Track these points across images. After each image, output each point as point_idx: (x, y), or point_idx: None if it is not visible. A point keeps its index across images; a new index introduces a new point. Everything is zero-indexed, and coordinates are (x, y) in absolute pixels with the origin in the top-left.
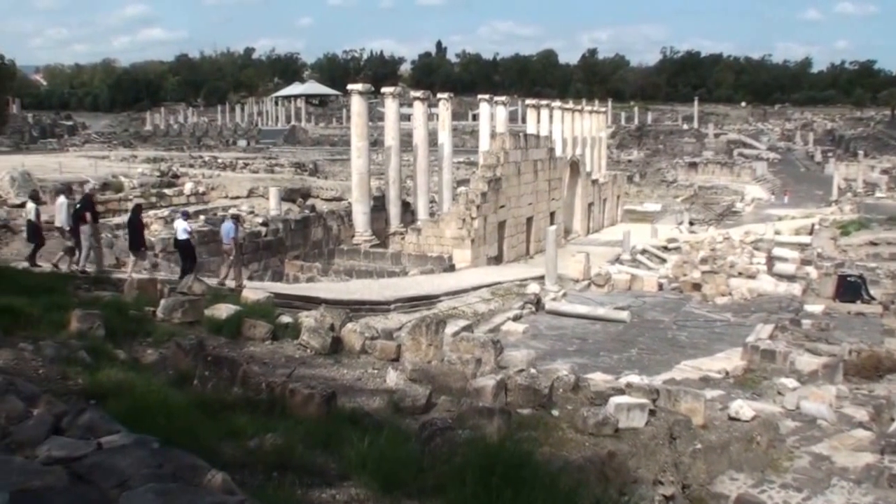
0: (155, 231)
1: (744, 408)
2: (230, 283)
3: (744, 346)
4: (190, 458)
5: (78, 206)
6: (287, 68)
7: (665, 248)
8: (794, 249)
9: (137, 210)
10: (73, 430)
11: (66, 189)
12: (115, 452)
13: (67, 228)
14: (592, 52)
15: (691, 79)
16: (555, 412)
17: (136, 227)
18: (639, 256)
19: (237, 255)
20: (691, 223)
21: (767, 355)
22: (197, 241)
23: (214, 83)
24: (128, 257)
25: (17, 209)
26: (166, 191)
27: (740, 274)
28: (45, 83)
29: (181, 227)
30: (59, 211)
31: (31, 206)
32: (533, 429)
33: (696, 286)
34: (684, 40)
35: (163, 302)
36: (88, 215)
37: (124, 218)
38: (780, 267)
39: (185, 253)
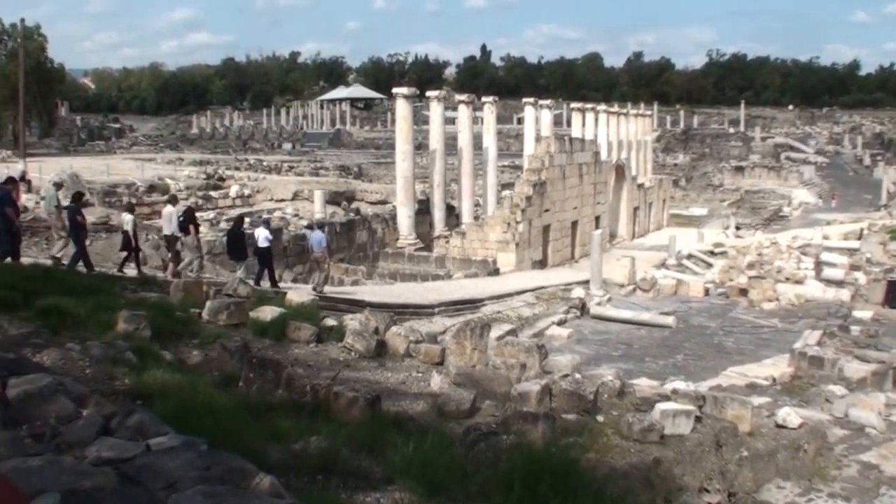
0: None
1: (791, 415)
2: (320, 291)
3: (791, 352)
4: (238, 460)
5: (181, 218)
6: (332, 72)
7: (711, 253)
8: (843, 254)
9: (240, 221)
10: (122, 431)
11: (173, 199)
12: (163, 454)
13: (179, 236)
14: (638, 54)
15: (738, 81)
16: (600, 418)
17: (238, 238)
18: (685, 261)
19: (329, 264)
20: (738, 227)
21: (815, 362)
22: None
23: (260, 87)
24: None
25: (64, 210)
26: (212, 193)
27: (788, 279)
28: (93, 86)
29: (262, 235)
30: (166, 220)
31: (128, 217)
32: (577, 435)
33: (743, 291)
34: (731, 43)
35: (208, 304)
36: (192, 227)
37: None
38: (828, 272)
39: (265, 260)
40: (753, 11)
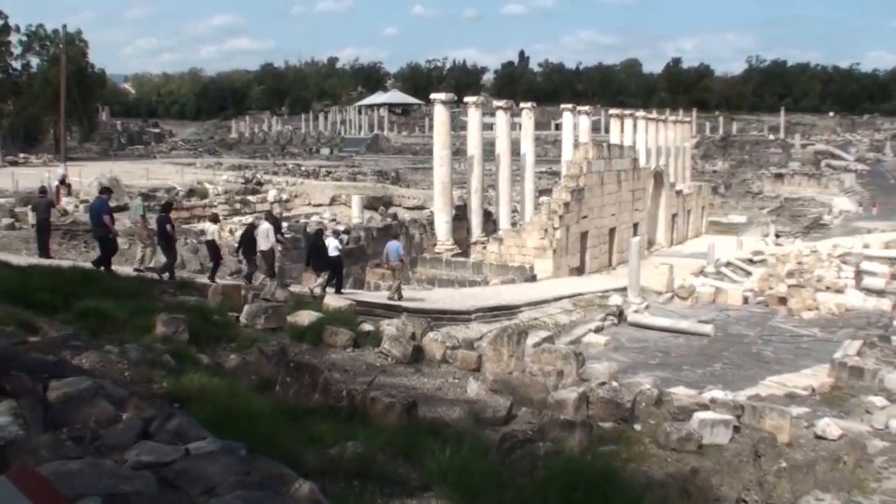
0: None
1: (830, 426)
2: (397, 298)
3: (831, 362)
4: (277, 466)
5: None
6: (370, 77)
7: (750, 261)
8: (884, 263)
9: (320, 233)
10: (161, 435)
11: (269, 215)
12: (202, 459)
13: (279, 250)
14: (677, 61)
15: (777, 88)
16: (637, 426)
17: (319, 249)
18: (723, 269)
19: (405, 273)
20: (777, 235)
21: (855, 372)
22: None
23: (299, 92)
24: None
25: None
26: (250, 198)
27: (828, 288)
28: (133, 91)
29: (332, 245)
30: (262, 236)
31: (212, 227)
32: (614, 443)
33: (782, 300)
34: (770, 49)
35: (246, 308)
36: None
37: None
38: (868, 281)
39: (335, 268)
40: (793, 17)
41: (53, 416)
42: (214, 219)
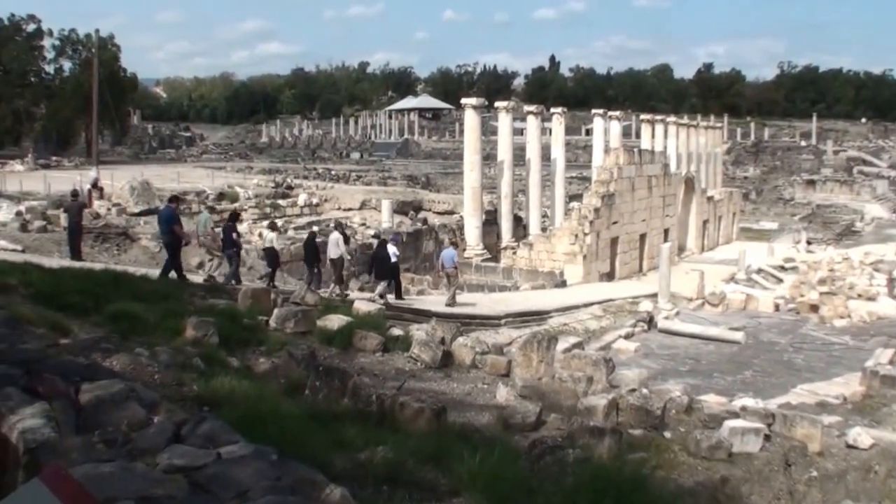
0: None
1: (862, 435)
2: (451, 304)
3: (863, 370)
4: (308, 471)
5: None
6: (401, 82)
7: (782, 268)
8: None
9: (384, 243)
10: (192, 439)
11: (339, 225)
12: (234, 463)
13: (347, 259)
14: (708, 66)
15: (810, 94)
16: (667, 434)
17: (383, 259)
18: (754, 276)
19: (457, 279)
20: (809, 242)
21: (887, 381)
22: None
23: (329, 96)
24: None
25: (135, 217)
26: (280, 202)
27: (860, 296)
28: (164, 95)
29: (392, 251)
30: (333, 245)
31: (271, 234)
32: (644, 450)
33: (814, 308)
34: (802, 54)
35: (276, 311)
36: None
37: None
38: None
39: (395, 274)
40: (826, 23)
41: (85, 418)
42: (273, 226)
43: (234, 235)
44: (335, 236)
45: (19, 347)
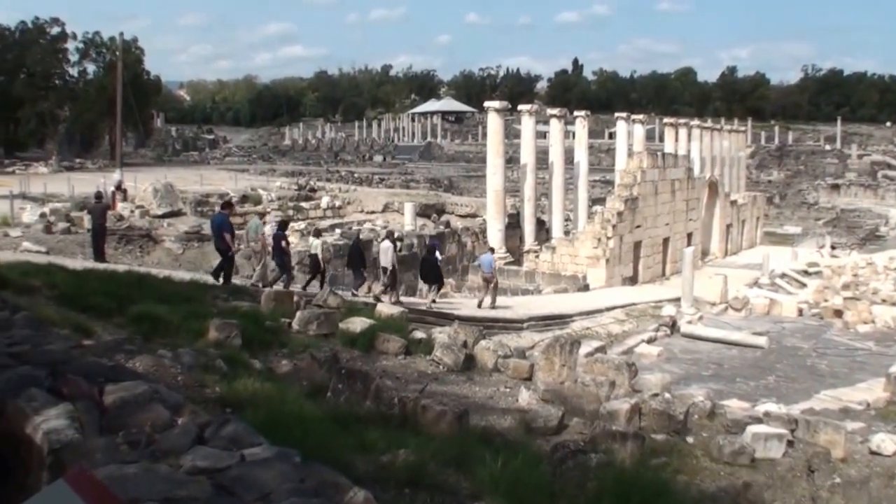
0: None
1: (886, 441)
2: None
3: (886, 376)
4: (332, 473)
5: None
6: (424, 85)
7: (805, 273)
8: None
9: (433, 250)
10: (216, 441)
11: (390, 234)
12: (257, 465)
13: (390, 269)
14: (732, 69)
15: (834, 97)
16: (689, 439)
17: (433, 265)
18: (778, 280)
19: (496, 284)
20: (833, 247)
21: None
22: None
23: (352, 99)
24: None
25: (158, 220)
26: (303, 204)
27: (884, 301)
28: (188, 98)
29: (434, 256)
30: (384, 254)
31: (316, 241)
32: (666, 455)
33: (838, 313)
34: (827, 58)
35: (298, 314)
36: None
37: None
38: None
39: (439, 278)
40: (850, 27)
41: (109, 420)
42: (317, 233)
43: (284, 243)
44: (386, 245)
45: (44, 348)
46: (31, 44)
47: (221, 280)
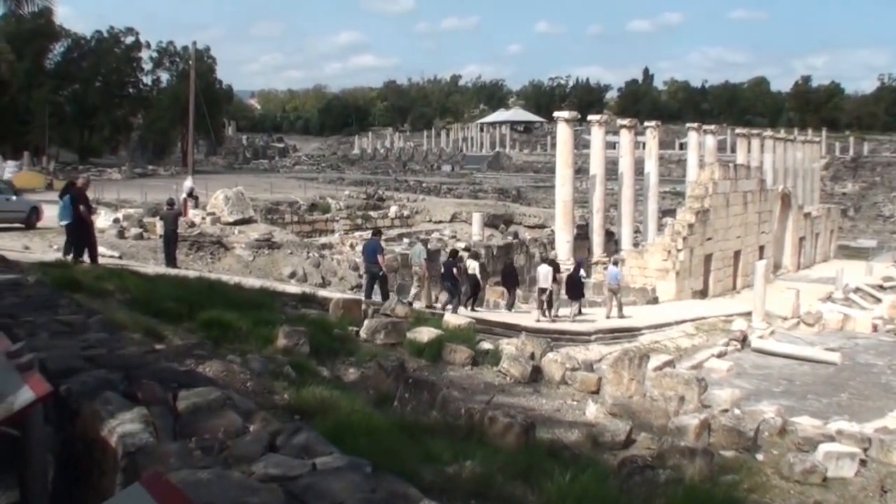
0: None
1: None
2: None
3: None
4: (402, 484)
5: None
6: (492, 95)
7: (880, 287)
8: None
9: (578, 268)
10: (287, 449)
11: (552, 262)
12: (328, 474)
13: (553, 289)
14: (806, 78)
15: None
16: (759, 456)
17: (577, 281)
18: (852, 295)
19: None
20: None
21: None
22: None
23: (421, 109)
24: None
25: (229, 227)
26: (371, 213)
27: None
28: (259, 107)
29: (579, 273)
30: (543, 277)
31: (474, 263)
32: (736, 472)
33: None
34: None
35: (366, 322)
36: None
37: (330, 238)
38: None
39: (579, 291)
40: None
41: (182, 425)
42: (476, 255)
43: (454, 271)
44: (545, 269)
45: (118, 353)
46: (107, 53)
47: (378, 297)
